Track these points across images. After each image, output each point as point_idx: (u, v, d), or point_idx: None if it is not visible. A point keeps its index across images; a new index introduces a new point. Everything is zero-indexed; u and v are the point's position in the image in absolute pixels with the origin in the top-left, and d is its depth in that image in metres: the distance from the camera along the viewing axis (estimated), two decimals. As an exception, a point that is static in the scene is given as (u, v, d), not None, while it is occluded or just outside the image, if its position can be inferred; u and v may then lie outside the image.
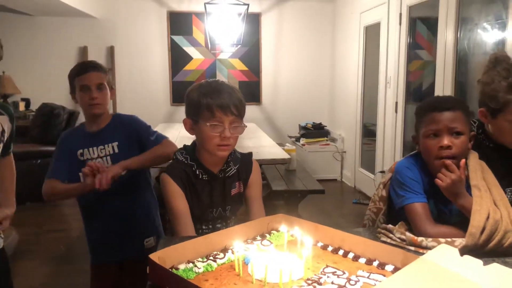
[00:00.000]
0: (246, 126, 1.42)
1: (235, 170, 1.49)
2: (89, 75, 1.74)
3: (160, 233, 1.95)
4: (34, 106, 5.48)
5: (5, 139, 1.52)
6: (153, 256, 0.97)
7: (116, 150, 1.80)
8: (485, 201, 1.19)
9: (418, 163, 1.39)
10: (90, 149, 1.79)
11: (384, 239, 1.25)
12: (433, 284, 0.84)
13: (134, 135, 1.84)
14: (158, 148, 1.79)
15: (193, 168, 1.43)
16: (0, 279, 1.55)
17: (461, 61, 3.28)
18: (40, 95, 5.47)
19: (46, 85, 5.64)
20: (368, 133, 5.11)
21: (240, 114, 1.39)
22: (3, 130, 1.50)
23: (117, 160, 1.74)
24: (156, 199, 1.99)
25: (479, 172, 1.28)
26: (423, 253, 1.07)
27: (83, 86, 1.74)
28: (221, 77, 5.86)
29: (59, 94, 5.63)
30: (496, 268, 0.89)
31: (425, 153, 1.34)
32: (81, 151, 1.80)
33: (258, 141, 3.77)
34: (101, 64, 1.82)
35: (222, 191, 1.48)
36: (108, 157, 1.79)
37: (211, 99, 1.35)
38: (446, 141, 1.26)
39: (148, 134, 1.84)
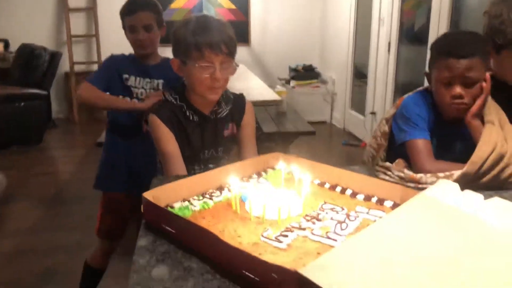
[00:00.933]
0: (238, 66, 1.35)
1: (227, 111, 1.44)
2: (137, 16, 1.75)
3: None
4: (13, 47, 5.24)
5: None
6: (147, 195, 0.94)
7: (160, 88, 1.81)
8: (495, 135, 1.17)
9: (427, 100, 1.35)
10: (138, 78, 1.81)
11: (382, 176, 1.23)
12: (434, 219, 0.83)
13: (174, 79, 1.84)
14: None
15: (183, 109, 1.37)
16: None
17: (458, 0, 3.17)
18: (19, 36, 5.23)
19: (25, 25, 5.39)
20: (360, 74, 5.04)
21: (231, 52, 1.31)
22: None
23: None
24: None
25: (492, 107, 1.25)
26: (423, 189, 1.06)
27: (131, 26, 1.77)
28: (208, 16, 5.63)
29: (39, 35, 5.41)
30: (496, 201, 0.88)
31: (436, 97, 1.31)
32: (126, 76, 1.81)
33: (248, 83, 3.68)
34: (151, 1, 1.79)
35: (214, 132, 1.43)
36: (151, 91, 1.81)
37: (199, 37, 1.26)
38: (458, 90, 1.22)
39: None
